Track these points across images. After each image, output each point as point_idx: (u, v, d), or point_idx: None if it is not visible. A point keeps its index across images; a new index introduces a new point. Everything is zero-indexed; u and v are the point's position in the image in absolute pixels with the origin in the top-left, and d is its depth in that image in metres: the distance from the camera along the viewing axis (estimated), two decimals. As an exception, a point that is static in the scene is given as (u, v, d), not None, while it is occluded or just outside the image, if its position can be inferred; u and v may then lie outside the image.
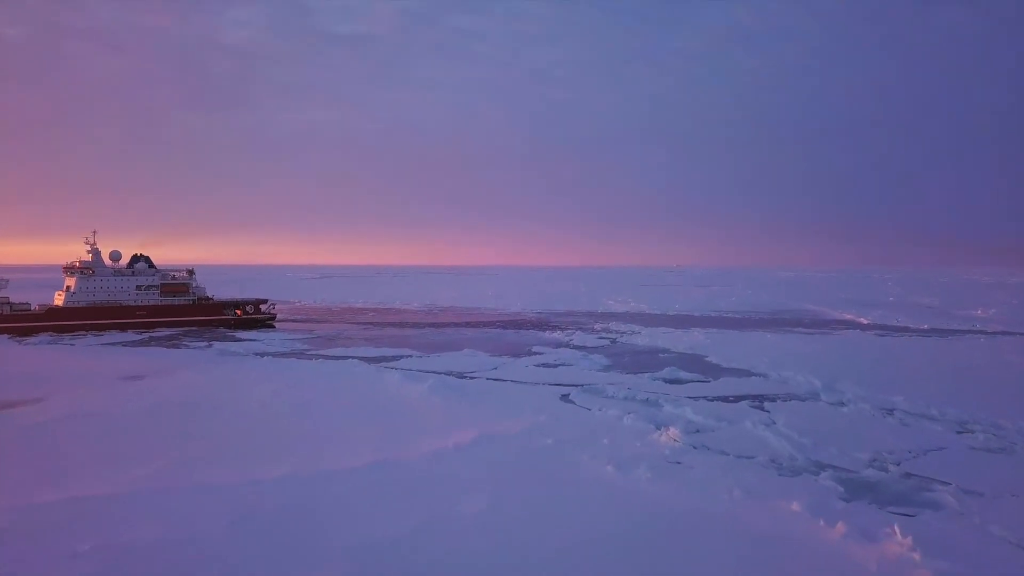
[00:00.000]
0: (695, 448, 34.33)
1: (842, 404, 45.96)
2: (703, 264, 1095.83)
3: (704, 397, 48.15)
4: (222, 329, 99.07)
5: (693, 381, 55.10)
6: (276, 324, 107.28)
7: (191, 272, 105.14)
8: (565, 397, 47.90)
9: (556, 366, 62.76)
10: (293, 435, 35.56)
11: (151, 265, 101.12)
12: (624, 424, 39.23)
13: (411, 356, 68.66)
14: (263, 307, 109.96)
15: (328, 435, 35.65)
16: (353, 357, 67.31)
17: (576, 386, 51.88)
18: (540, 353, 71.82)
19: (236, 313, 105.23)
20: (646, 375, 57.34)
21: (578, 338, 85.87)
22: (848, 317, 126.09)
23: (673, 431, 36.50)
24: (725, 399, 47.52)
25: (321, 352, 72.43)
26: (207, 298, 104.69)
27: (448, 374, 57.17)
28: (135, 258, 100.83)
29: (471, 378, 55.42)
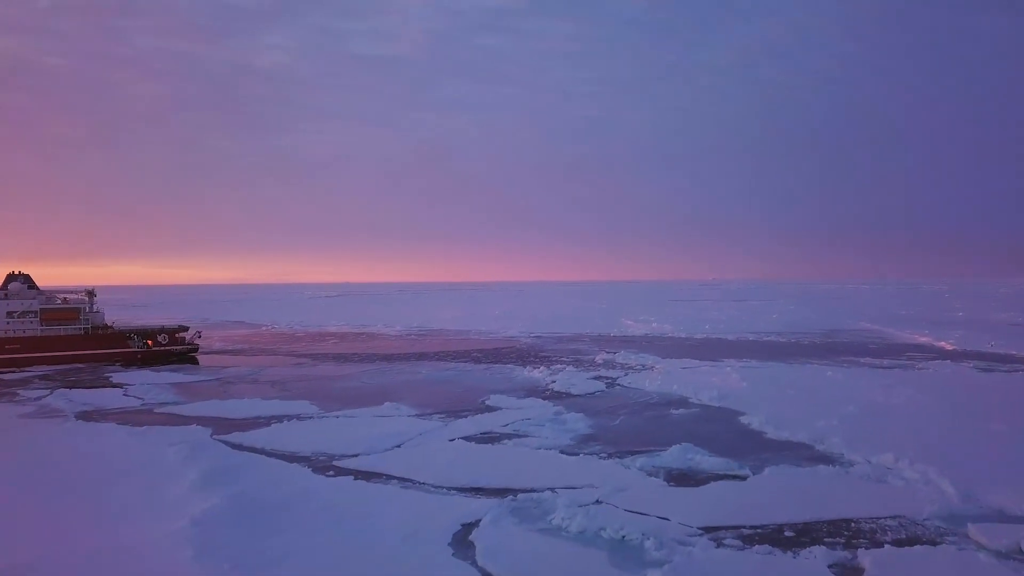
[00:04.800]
0: None
1: (1029, 561, 22.01)
2: (740, 277, 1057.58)
3: (738, 532, 24.63)
4: (118, 365, 77.91)
5: (719, 476, 31.62)
6: (199, 357, 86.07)
7: (91, 294, 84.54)
8: (464, 532, 24.80)
9: (500, 439, 39.61)
10: None
11: (32, 286, 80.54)
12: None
13: (292, 419, 46.02)
14: (187, 336, 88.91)
15: None
16: (213, 418, 45.47)
17: (507, 494, 28.88)
18: (493, 409, 48.74)
19: (147, 344, 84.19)
20: (639, 461, 33.95)
21: (564, 379, 62.48)
22: (923, 340, 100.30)
23: None
24: (785, 542, 23.90)
25: (180, 409, 50.40)
26: (105, 326, 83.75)
27: (302, 461, 34.50)
28: (10, 277, 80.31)
29: (331, 474, 32.52)
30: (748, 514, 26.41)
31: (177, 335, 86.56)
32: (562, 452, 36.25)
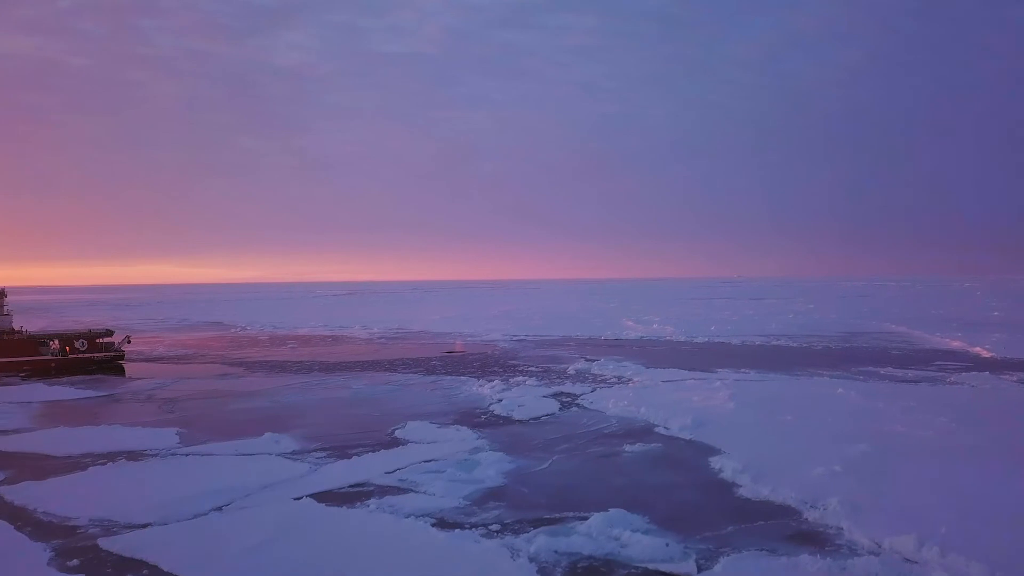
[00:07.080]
0: None
1: None
2: (764, 274, 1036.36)
3: None
4: (21, 377, 68.46)
5: (647, 574, 20.66)
6: (127, 365, 76.57)
7: (0, 294, 75.38)
8: None
9: (367, 497, 28.85)
10: None
11: (-72, 286, 71.51)
12: None
13: (125, 457, 35.65)
14: (115, 342, 79.46)
15: None
16: (33, 455, 35.85)
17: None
18: (399, 444, 38.10)
19: (66, 351, 74.84)
20: (537, 541, 23.03)
21: (514, 396, 51.77)
22: (954, 345, 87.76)
23: None
24: None
25: (9, 442, 40.50)
26: (11, 331, 74.49)
27: (58, 536, 24.10)
28: (-98, 276, 71.43)
29: (72, 564, 22.01)
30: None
31: (99, 341, 77.06)
32: (436, 523, 25.39)
